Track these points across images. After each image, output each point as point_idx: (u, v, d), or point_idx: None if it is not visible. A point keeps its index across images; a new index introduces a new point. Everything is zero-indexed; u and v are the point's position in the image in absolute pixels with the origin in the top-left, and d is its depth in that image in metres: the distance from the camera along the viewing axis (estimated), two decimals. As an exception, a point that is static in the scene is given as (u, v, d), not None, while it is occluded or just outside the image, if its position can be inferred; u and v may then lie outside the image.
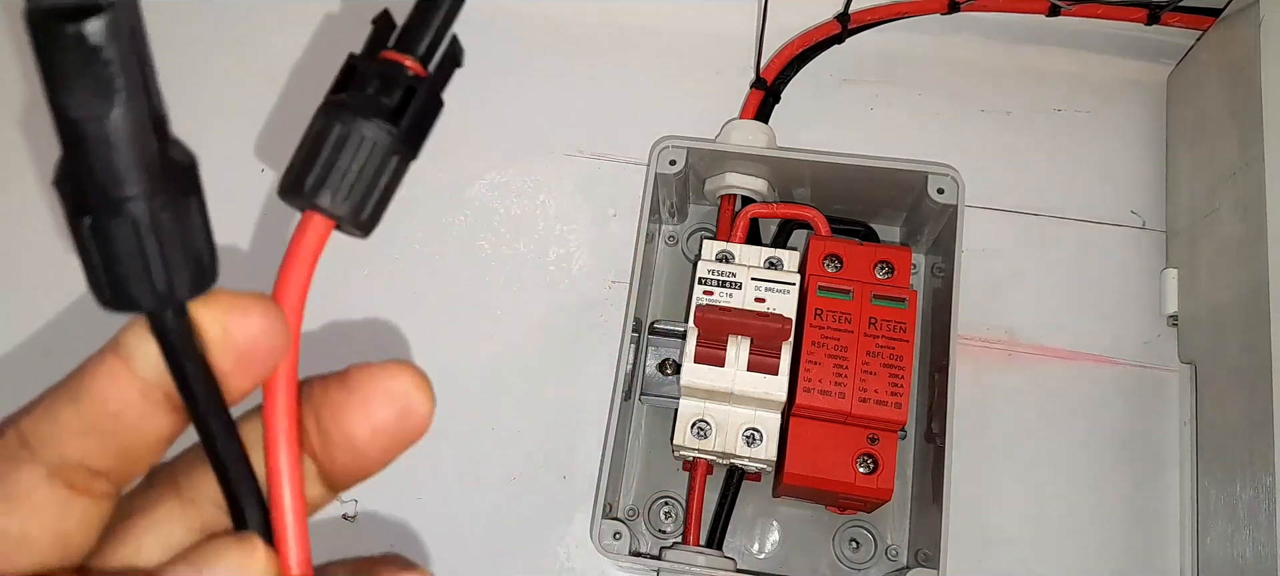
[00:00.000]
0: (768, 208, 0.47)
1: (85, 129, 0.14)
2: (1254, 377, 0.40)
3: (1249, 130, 0.42)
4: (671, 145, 0.46)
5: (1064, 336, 0.49)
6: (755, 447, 0.41)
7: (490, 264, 0.53)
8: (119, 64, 0.14)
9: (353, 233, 0.18)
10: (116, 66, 0.14)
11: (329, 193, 0.18)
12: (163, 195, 0.15)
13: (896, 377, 0.40)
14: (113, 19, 0.13)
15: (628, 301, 0.44)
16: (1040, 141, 0.52)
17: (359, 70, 0.18)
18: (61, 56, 0.13)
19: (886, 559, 0.45)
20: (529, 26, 0.57)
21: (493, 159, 0.55)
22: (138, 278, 0.15)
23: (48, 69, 0.14)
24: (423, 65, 0.18)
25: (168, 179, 0.16)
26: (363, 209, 0.18)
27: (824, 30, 0.51)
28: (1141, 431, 0.47)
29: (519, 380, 0.50)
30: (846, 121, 0.53)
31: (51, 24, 0.13)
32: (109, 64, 0.14)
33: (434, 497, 0.49)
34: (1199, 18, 0.49)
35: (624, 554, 0.41)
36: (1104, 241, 0.50)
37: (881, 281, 0.43)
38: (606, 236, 0.53)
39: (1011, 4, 0.51)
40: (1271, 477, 0.37)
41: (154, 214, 0.15)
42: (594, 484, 0.43)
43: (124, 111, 0.14)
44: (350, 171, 0.18)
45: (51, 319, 0.53)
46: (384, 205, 0.18)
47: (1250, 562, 0.39)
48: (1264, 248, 0.40)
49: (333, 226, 0.18)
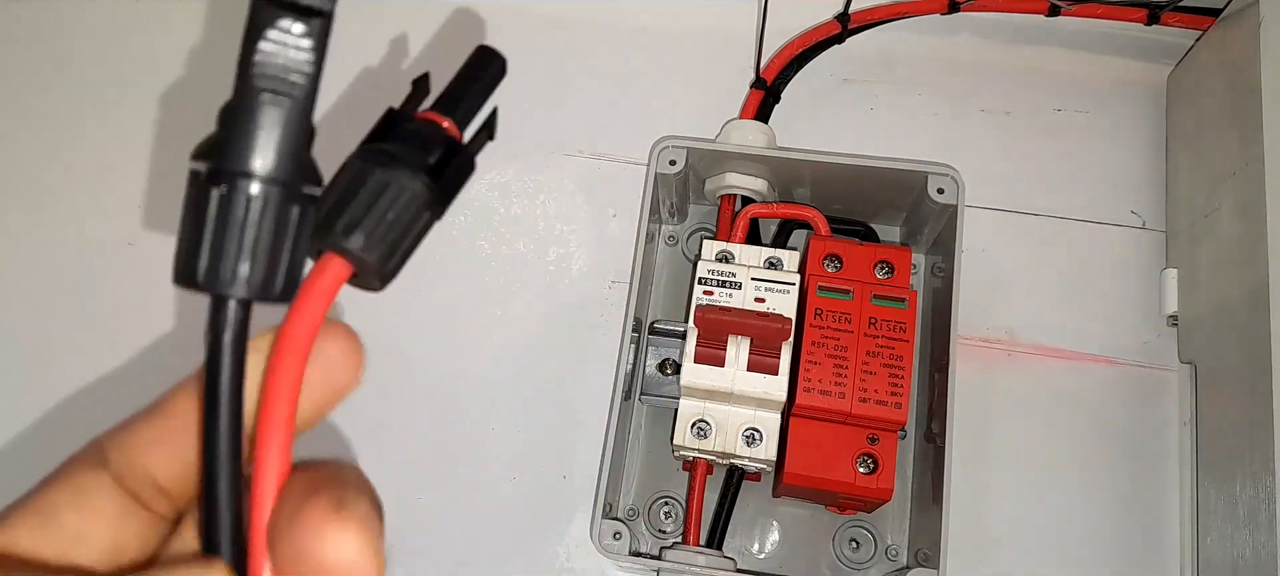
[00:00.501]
0: (768, 208, 0.47)
1: (264, 102, 0.16)
2: (1254, 377, 0.40)
3: (1249, 130, 0.42)
4: (671, 145, 0.46)
5: (1064, 336, 0.49)
6: (755, 447, 0.41)
7: (490, 264, 0.53)
8: (317, 58, 0.16)
9: (369, 284, 0.18)
10: (315, 59, 0.16)
11: (362, 235, 0.17)
12: (296, 194, 0.16)
13: (896, 377, 0.40)
14: (324, 25, 0.16)
15: (628, 301, 0.44)
16: (1040, 141, 0.52)
17: (399, 123, 0.19)
18: (275, 32, 0.15)
19: (886, 559, 0.45)
20: (529, 26, 0.57)
21: (493, 159, 0.55)
22: (239, 257, 0.16)
23: (254, 39, 0.16)
24: (459, 129, 0.19)
25: (303, 182, 0.16)
26: (391, 258, 0.18)
27: (824, 30, 0.51)
28: (1141, 431, 0.47)
29: (519, 380, 0.50)
30: (846, 121, 0.53)
31: (275, 8, 0.15)
32: (311, 53, 0.16)
33: (434, 497, 0.49)
34: (1199, 18, 0.49)
35: (624, 554, 0.41)
36: (1104, 241, 0.50)
37: (881, 281, 0.43)
38: (606, 236, 0.53)
39: (1011, 4, 0.51)
40: (1271, 477, 0.37)
41: (282, 205, 0.16)
42: (594, 484, 0.43)
43: (303, 100, 0.16)
44: (385, 219, 0.18)
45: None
46: (406, 259, 0.18)
47: (1250, 562, 0.39)
48: (1264, 248, 0.40)
49: (350, 272, 0.18)
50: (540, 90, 0.56)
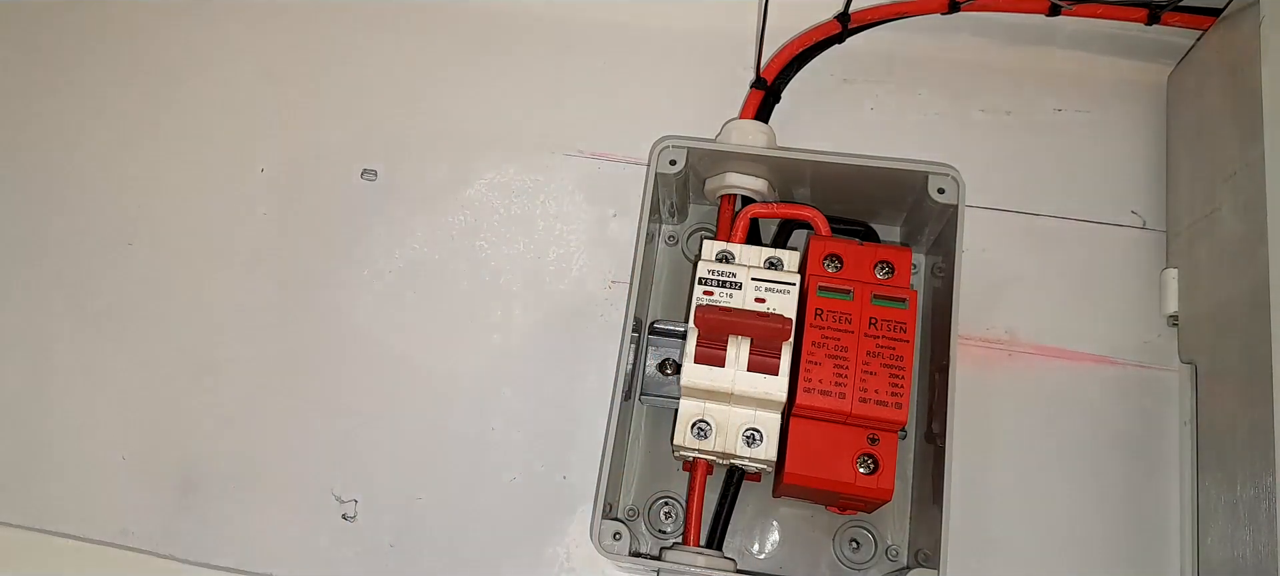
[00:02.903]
0: (768, 208, 0.47)
1: None
2: (1254, 377, 0.40)
3: (1249, 130, 0.42)
4: (671, 145, 0.46)
5: (1064, 336, 0.49)
6: (755, 448, 0.41)
7: (490, 264, 0.53)
8: None
9: None
10: None
11: None
12: None
13: (897, 378, 0.40)
14: None
15: (628, 301, 0.44)
16: (1040, 141, 0.52)
17: None
18: None
19: (887, 559, 0.45)
20: (529, 26, 0.57)
21: (493, 159, 0.55)
22: None
23: None
24: None
25: None
26: None
27: (824, 30, 0.51)
28: (1141, 431, 0.47)
29: (519, 380, 0.50)
30: (846, 121, 0.53)
31: None
32: None
33: (434, 497, 0.49)
34: (1199, 18, 0.49)
35: (624, 554, 0.41)
36: (1104, 241, 0.50)
37: (882, 281, 0.42)
38: (606, 236, 0.53)
39: (1011, 4, 0.51)
40: (1272, 477, 0.37)
41: None
42: (594, 484, 0.43)
43: None
44: None
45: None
46: None
47: (1250, 562, 0.39)
48: (1264, 248, 0.40)
49: None
50: (540, 90, 0.56)
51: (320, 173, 0.55)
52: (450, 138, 0.55)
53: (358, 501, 0.49)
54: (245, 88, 0.57)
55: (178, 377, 0.52)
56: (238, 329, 0.52)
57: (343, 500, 0.49)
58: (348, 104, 0.56)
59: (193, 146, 0.56)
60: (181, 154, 0.56)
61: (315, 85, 0.56)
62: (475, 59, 0.57)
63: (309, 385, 0.51)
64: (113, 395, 0.52)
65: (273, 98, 0.56)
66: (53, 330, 0.53)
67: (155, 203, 0.55)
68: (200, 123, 0.56)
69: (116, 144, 0.56)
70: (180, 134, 0.56)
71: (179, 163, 0.56)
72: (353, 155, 0.55)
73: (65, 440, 0.51)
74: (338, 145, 0.55)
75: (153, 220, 0.55)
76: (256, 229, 0.54)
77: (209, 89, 0.57)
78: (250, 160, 0.55)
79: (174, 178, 0.55)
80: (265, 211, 0.54)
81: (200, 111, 0.57)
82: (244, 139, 0.56)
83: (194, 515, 0.49)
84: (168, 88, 0.57)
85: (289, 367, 0.51)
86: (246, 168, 0.55)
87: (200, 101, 0.57)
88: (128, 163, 0.56)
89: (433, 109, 0.56)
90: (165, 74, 0.58)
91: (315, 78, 0.56)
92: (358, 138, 0.55)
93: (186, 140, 0.56)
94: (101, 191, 0.55)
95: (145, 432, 0.51)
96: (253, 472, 0.50)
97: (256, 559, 0.48)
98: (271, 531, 0.49)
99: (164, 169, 0.56)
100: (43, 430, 0.51)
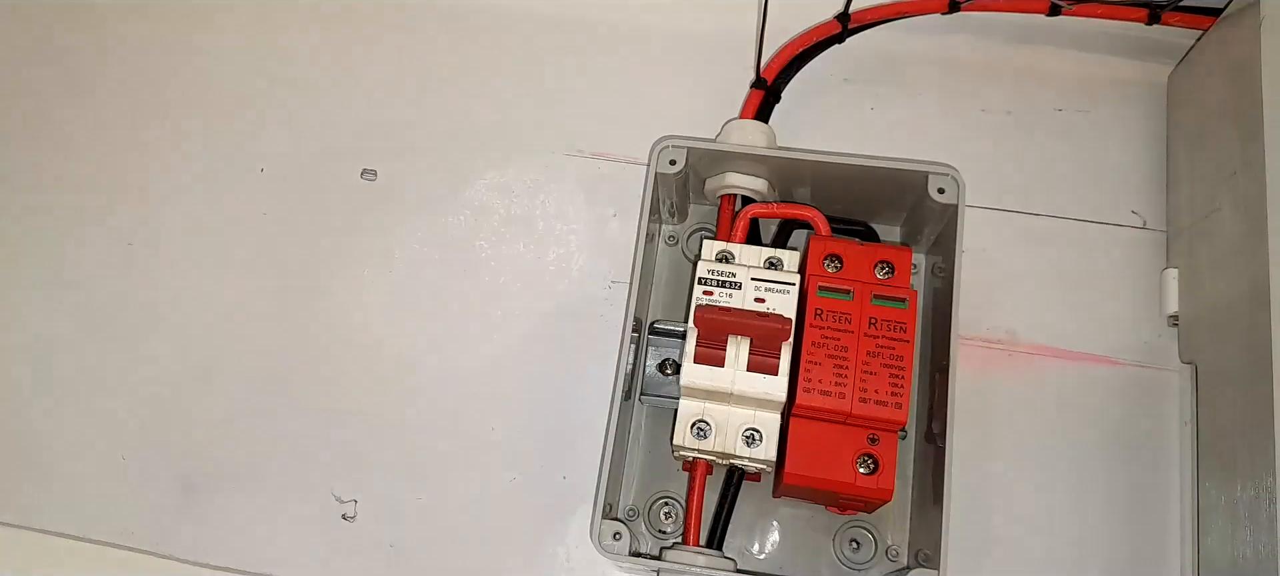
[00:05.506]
0: (768, 208, 0.47)
1: None
2: (1254, 377, 0.40)
3: (1249, 130, 0.42)
4: (671, 145, 0.46)
5: (1064, 336, 0.49)
6: (755, 448, 0.41)
7: (490, 264, 0.53)
8: None
9: None
10: None
11: None
12: None
13: (897, 378, 0.40)
14: None
15: (628, 301, 0.44)
16: (1040, 141, 0.52)
17: None
18: None
19: (887, 559, 0.45)
20: (529, 26, 0.57)
21: (493, 159, 0.55)
22: None
23: None
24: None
25: None
26: None
27: (824, 30, 0.51)
28: (1141, 431, 0.47)
29: (519, 380, 0.50)
30: (846, 121, 0.53)
31: None
32: None
33: (434, 497, 0.49)
34: (1199, 18, 0.49)
35: (624, 554, 0.41)
36: (1104, 241, 0.50)
37: (882, 281, 0.42)
38: (606, 236, 0.53)
39: (1011, 4, 0.51)
40: (1272, 477, 0.37)
41: None
42: (594, 484, 0.43)
43: None
44: None
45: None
46: None
47: (1250, 562, 0.39)
48: (1264, 248, 0.40)
49: None
50: (540, 90, 0.56)
51: (320, 173, 0.55)
52: (450, 138, 0.55)
53: (358, 501, 0.49)
54: (245, 88, 0.57)
55: (178, 378, 0.52)
56: (238, 329, 0.52)
57: (343, 500, 0.49)
58: (348, 104, 0.56)
59: (193, 146, 0.56)
60: (181, 154, 0.56)
61: (315, 85, 0.56)
62: (475, 59, 0.57)
63: (309, 385, 0.51)
64: (113, 395, 0.52)
65: (273, 98, 0.56)
66: (53, 330, 0.53)
67: (155, 203, 0.55)
68: (200, 123, 0.56)
69: (117, 144, 0.56)
70: (180, 134, 0.56)
71: (179, 163, 0.56)
72: (353, 155, 0.55)
73: (65, 440, 0.51)
74: (338, 145, 0.55)
75: (153, 220, 0.55)
76: (256, 229, 0.54)
77: (209, 89, 0.57)
78: (250, 160, 0.55)
79: (174, 178, 0.55)
80: (265, 211, 0.54)
81: (200, 112, 0.57)
82: (244, 139, 0.56)
83: (194, 515, 0.49)
84: (168, 88, 0.57)
85: (289, 367, 0.51)
86: (246, 168, 0.55)
87: (200, 102, 0.57)
88: (128, 163, 0.56)
89: (433, 109, 0.56)
90: (165, 74, 0.58)
91: (315, 78, 0.56)
92: (358, 138, 0.55)
93: (186, 140, 0.56)
94: (101, 191, 0.55)
95: (145, 433, 0.51)
96: (253, 473, 0.50)
97: (256, 559, 0.48)
98: (271, 531, 0.49)
99: (164, 169, 0.56)
100: (43, 430, 0.51)
